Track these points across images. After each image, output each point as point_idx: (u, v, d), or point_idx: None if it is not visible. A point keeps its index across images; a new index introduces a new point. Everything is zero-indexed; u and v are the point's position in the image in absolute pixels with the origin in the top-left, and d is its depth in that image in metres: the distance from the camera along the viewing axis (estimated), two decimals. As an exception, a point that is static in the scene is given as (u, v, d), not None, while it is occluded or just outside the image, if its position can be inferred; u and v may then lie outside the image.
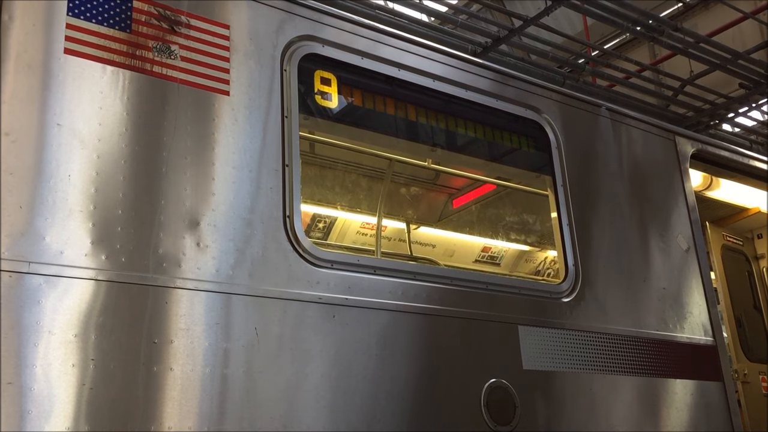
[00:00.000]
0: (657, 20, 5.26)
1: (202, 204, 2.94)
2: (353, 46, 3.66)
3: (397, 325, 3.28)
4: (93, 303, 2.59)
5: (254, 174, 3.11)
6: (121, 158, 2.81)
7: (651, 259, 4.42)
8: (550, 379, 3.67)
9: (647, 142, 4.80)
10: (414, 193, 6.26)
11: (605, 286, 4.11)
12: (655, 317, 4.27)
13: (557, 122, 4.33)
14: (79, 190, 2.68)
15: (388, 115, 3.91)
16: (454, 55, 4.12)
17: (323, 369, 3.00)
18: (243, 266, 2.95)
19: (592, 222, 4.24)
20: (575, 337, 3.84)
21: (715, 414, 4.30)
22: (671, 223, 4.65)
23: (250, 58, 3.27)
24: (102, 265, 2.65)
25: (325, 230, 6.02)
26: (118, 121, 2.85)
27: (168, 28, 3.08)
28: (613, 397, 3.89)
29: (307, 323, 3.03)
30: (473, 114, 4.16)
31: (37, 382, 2.42)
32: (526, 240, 6.67)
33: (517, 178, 5.45)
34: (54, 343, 2.49)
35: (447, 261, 6.47)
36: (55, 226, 2.60)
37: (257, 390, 2.83)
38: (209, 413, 2.70)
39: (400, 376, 3.20)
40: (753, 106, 6.19)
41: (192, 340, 2.74)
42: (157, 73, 2.99)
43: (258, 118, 3.20)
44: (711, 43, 5.58)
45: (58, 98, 2.74)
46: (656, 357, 4.15)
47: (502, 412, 3.42)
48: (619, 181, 4.49)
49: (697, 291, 4.56)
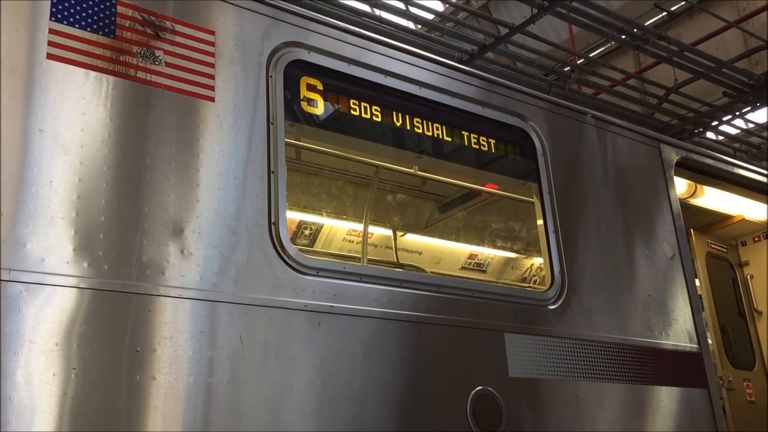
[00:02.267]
0: (642, 29, 5.30)
1: (186, 211, 2.91)
2: (340, 52, 3.65)
3: (383, 333, 3.27)
4: (75, 311, 2.56)
5: (239, 181, 3.09)
6: (104, 165, 2.78)
7: (636, 266, 4.43)
8: (536, 387, 3.66)
9: (632, 150, 4.82)
10: (400, 200, 6.26)
11: (591, 293, 4.12)
12: (641, 324, 4.28)
13: (543, 130, 4.34)
14: (61, 197, 2.65)
15: (375, 122, 3.90)
16: (440, 62, 4.12)
17: (308, 377, 2.98)
18: (228, 274, 2.93)
19: (578, 229, 4.25)
20: (561, 344, 3.84)
21: (700, 421, 4.31)
22: (656, 230, 4.67)
23: (236, 65, 3.25)
24: (84, 272, 2.61)
25: (311, 237, 5.99)
26: (102, 127, 2.82)
27: (152, 33, 3.06)
28: (599, 404, 3.89)
29: (293, 331, 3.00)
30: (459, 121, 4.16)
31: (18, 392, 2.39)
32: (513, 247, 6.68)
33: (503, 185, 5.46)
34: (35, 351, 2.45)
35: (433, 268, 6.46)
36: (37, 233, 2.57)
37: (242, 399, 2.80)
38: (193, 422, 2.67)
39: (386, 384, 3.18)
40: (736, 114, 6.24)
41: (176, 348, 2.71)
42: (141, 79, 2.97)
43: (243, 125, 3.18)
44: (695, 51, 5.63)
45: (40, 104, 2.71)
46: (642, 364, 4.16)
47: (489, 419, 3.41)
48: (604, 188, 4.51)
49: (682, 298, 4.58)
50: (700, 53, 5.57)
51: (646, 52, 5.44)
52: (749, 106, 6.07)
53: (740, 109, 6.08)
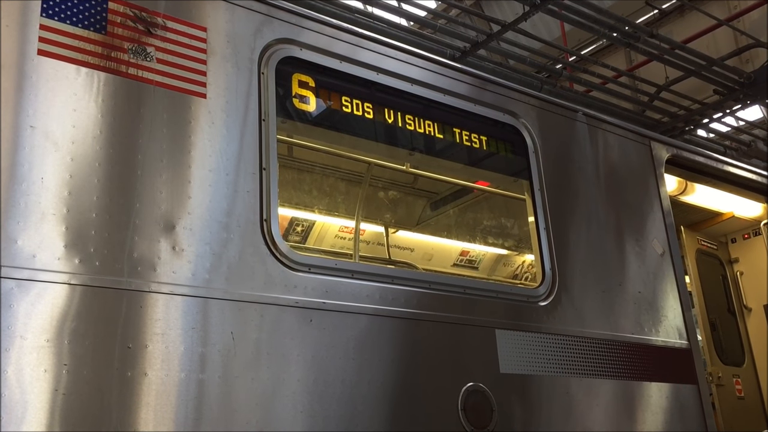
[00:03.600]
0: (633, 27, 5.31)
1: (177, 207, 2.91)
2: (332, 49, 3.65)
3: (375, 330, 3.28)
4: (66, 307, 2.55)
5: (231, 177, 3.09)
6: (96, 161, 2.78)
7: (627, 263, 4.46)
8: (527, 383, 3.68)
9: (623, 147, 4.84)
10: (392, 197, 6.26)
11: (582, 290, 4.14)
12: (631, 321, 4.30)
13: (534, 127, 4.35)
14: (52, 193, 2.65)
15: (367, 119, 3.90)
16: (432, 59, 4.13)
17: (300, 373, 2.99)
18: (219, 270, 2.93)
19: (569, 226, 4.26)
20: (552, 340, 3.86)
21: (689, 416, 4.34)
22: (647, 227, 4.69)
23: (228, 61, 3.25)
24: (75, 269, 2.61)
25: (303, 234, 5.99)
26: (93, 123, 2.81)
27: (144, 29, 3.05)
28: (589, 400, 3.91)
29: (284, 327, 3.01)
30: (451, 118, 4.17)
31: (9, 388, 2.38)
32: (504, 244, 6.69)
33: (494, 182, 5.47)
34: (26, 348, 2.45)
35: (425, 265, 6.47)
36: (28, 230, 2.56)
37: (233, 395, 2.81)
38: (184, 419, 2.68)
39: (378, 381, 3.19)
40: (727, 112, 6.27)
41: (167, 344, 2.71)
42: (132, 75, 2.96)
43: (235, 121, 3.18)
44: (686, 49, 5.65)
45: (31, 100, 2.70)
46: (632, 360, 4.18)
47: (479, 415, 3.42)
48: (595, 185, 4.53)
49: (672, 295, 4.61)
50: (691, 51, 5.59)
51: (638, 50, 5.45)
52: (740, 104, 6.09)
53: (731, 107, 6.10)
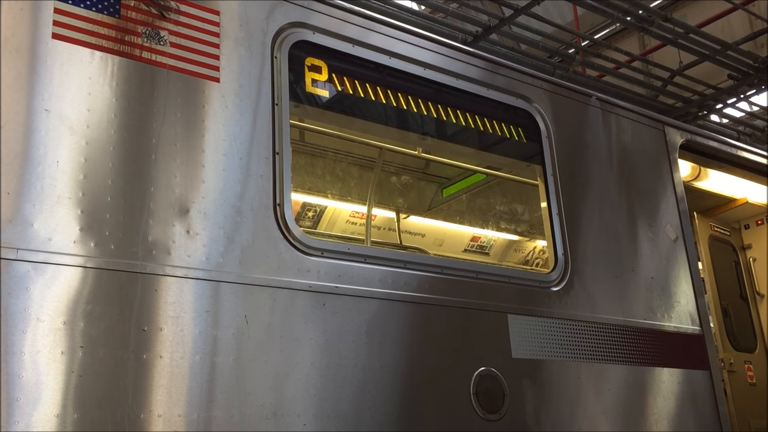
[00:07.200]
0: (647, 10, 5.27)
1: (191, 191, 2.92)
2: (344, 33, 3.64)
3: (387, 314, 3.28)
4: (81, 290, 2.57)
5: (244, 161, 3.09)
6: (110, 144, 2.79)
7: (639, 248, 4.44)
8: (538, 368, 3.69)
9: (637, 132, 4.81)
10: (404, 182, 6.25)
11: (594, 275, 4.13)
12: (643, 306, 4.29)
13: (547, 112, 4.33)
14: (67, 177, 2.66)
15: (379, 104, 3.90)
16: (444, 43, 4.11)
17: (313, 357, 3.00)
18: (233, 254, 2.94)
19: (582, 211, 4.25)
20: (564, 326, 3.86)
21: (701, 402, 4.34)
22: (660, 213, 4.67)
23: (241, 45, 3.24)
24: (91, 252, 2.63)
25: (314, 219, 6.00)
26: (107, 107, 2.82)
27: (157, 13, 3.05)
28: (600, 385, 3.91)
29: (297, 311, 3.02)
30: (464, 103, 4.15)
31: (26, 370, 2.41)
32: (516, 230, 6.68)
33: (507, 167, 5.46)
34: (42, 330, 2.47)
35: (436, 250, 6.47)
36: (43, 213, 2.58)
37: (247, 378, 2.82)
38: (199, 401, 2.70)
39: (390, 365, 3.21)
40: (741, 97, 6.22)
41: (182, 327, 2.73)
42: (146, 59, 2.97)
43: (248, 106, 3.18)
44: (700, 34, 5.60)
45: (46, 84, 2.71)
46: (644, 346, 4.18)
47: (492, 400, 3.43)
48: (608, 170, 4.50)
49: (684, 281, 4.59)
50: (705, 35, 5.54)
51: (651, 34, 5.41)
52: (754, 89, 6.04)
53: (745, 92, 6.06)
